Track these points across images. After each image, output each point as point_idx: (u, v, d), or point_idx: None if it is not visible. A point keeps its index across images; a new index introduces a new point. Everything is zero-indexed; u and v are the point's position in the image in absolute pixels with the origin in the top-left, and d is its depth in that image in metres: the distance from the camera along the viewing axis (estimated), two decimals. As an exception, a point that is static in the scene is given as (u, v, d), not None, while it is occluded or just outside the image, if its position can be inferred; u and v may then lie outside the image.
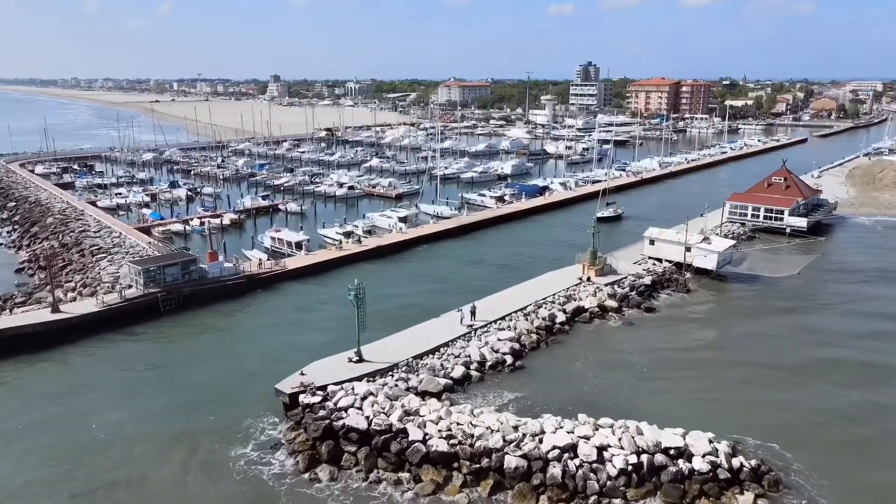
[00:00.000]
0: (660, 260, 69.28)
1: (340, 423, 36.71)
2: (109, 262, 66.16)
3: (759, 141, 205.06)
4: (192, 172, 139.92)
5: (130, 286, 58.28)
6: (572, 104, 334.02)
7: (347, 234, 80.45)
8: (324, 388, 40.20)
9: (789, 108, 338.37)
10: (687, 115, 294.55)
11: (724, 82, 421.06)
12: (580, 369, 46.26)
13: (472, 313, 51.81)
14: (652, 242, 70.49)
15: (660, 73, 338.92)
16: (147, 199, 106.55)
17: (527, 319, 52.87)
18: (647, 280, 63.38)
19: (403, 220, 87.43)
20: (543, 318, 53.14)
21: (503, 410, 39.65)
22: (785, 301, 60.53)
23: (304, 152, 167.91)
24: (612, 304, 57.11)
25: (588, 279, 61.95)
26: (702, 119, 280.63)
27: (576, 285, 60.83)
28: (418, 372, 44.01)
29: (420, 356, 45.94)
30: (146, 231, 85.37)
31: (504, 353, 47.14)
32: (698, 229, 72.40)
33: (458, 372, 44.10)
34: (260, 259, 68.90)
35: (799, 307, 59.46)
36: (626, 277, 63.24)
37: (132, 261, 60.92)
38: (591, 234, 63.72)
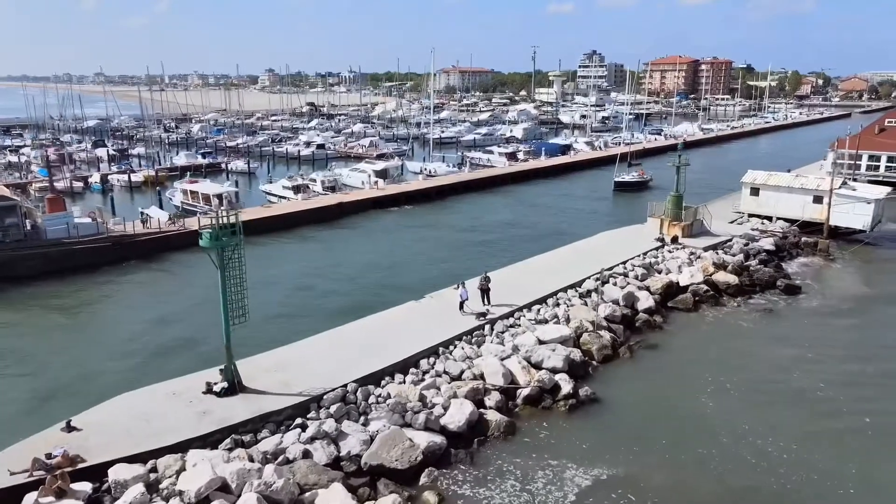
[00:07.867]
0: (769, 218, 44.80)
1: None
2: None
3: (800, 113, 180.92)
4: (135, 137, 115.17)
5: None
6: (582, 86, 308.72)
7: (298, 189, 55.93)
8: (102, 469, 15.55)
9: (814, 89, 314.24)
10: (707, 96, 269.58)
11: (741, 66, 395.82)
12: (717, 409, 21.62)
13: (484, 292, 27.04)
14: (755, 192, 45.89)
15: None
16: (54, 157, 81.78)
17: (585, 304, 28.28)
18: (766, 244, 38.78)
19: (382, 174, 62.78)
20: (615, 303, 28.52)
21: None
22: None
23: (276, 120, 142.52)
24: (731, 278, 32.43)
25: (674, 240, 37.36)
26: (724, 99, 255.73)
27: (656, 249, 36.25)
28: (368, 415, 19.49)
29: (374, 377, 21.31)
30: (21, 188, 60.72)
31: (553, 370, 22.56)
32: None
33: (458, 415, 19.55)
34: (146, 215, 44.28)
35: None
36: (730, 240, 38.75)
37: None
38: (674, 169, 39.14)
